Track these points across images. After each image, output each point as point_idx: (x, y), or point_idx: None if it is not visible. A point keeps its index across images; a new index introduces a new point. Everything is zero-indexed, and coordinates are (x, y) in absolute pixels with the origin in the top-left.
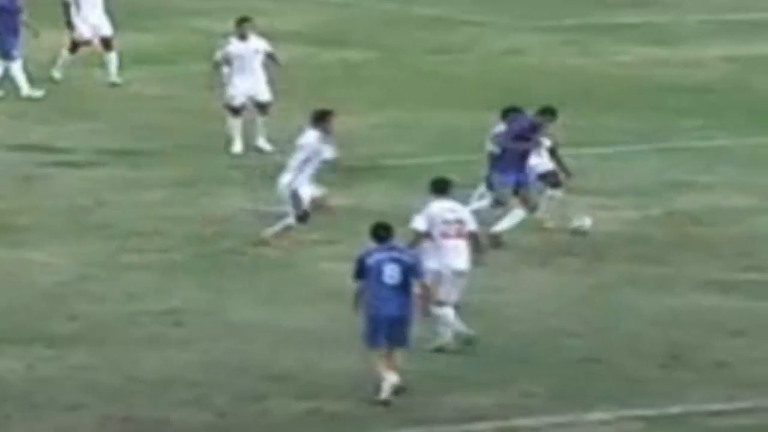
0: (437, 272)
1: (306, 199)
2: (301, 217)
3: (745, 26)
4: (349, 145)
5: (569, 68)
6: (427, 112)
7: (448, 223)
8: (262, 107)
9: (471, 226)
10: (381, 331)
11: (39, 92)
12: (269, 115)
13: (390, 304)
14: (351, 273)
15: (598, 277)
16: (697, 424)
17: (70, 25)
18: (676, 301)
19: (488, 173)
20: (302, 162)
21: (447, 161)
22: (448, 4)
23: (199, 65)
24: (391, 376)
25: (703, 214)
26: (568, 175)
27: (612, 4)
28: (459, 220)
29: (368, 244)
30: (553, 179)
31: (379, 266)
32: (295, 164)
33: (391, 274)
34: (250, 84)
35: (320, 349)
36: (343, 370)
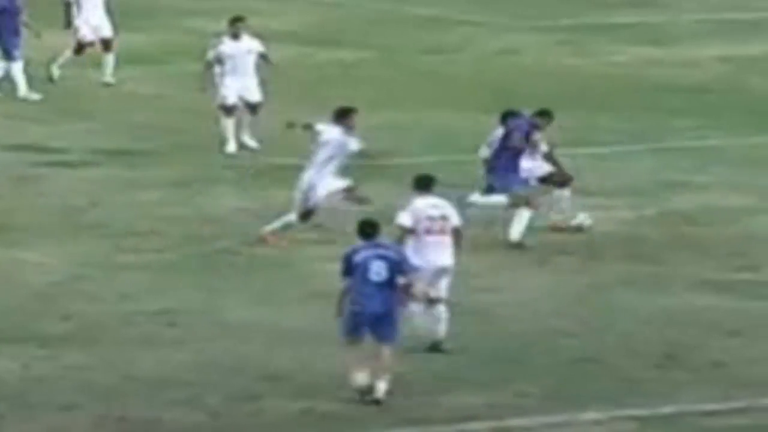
0: (419, 268)
1: (324, 196)
2: (304, 215)
3: (740, 26)
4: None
5: (565, 68)
6: (423, 112)
7: (433, 220)
8: (252, 108)
9: (455, 221)
10: (363, 326)
11: (36, 95)
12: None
13: (374, 301)
14: (339, 271)
15: (594, 277)
16: (691, 423)
17: (69, 25)
18: (672, 301)
19: (487, 179)
20: (327, 159)
21: (442, 161)
22: (444, 3)
23: (192, 65)
24: (362, 376)
25: (699, 214)
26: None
27: (607, 4)
28: (443, 217)
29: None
30: (559, 179)
31: (366, 263)
32: (319, 160)
33: (378, 271)
34: (241, 84)
35: (315, 349)
36: (338, 370)
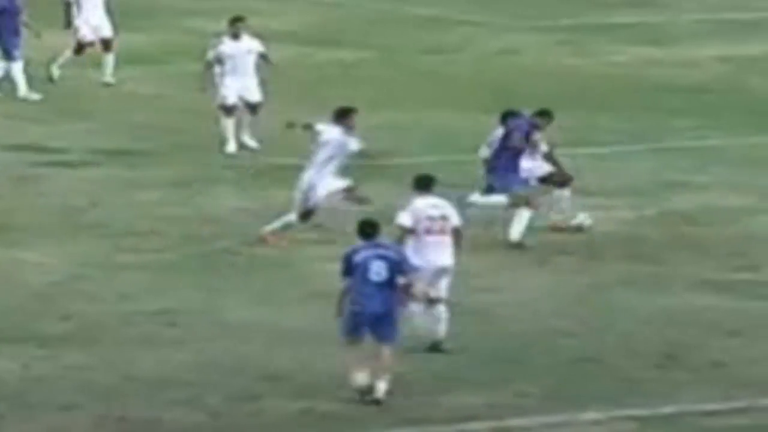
0: (419, 268)
1: (324, 196)
2: (304, 215)
3: (739, 26)
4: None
5: (564, 68)
6: (423, 112)
7: (433, 220)
8: (252, 108)
9: (455, 221)
10: (363, 326)
11: (36, 95)
12: (259, 115)
13: (374, 301)
14: (339, 271)
15: (594, 277)
16: (691, 423)
17: (69, 25)
18: (671, 301)
19: (487, 179)
20: (327, 159)
21: (442, 161)
22: (444, 3)
23: (192, 65)
24: (362, 376)
25: (698, 214)
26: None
27: (607, 4)
28: (443, 217)
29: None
30: (559, 179)
31: (366, 263)
32: (319, 160)
33: (378, 271)
34: (241, 84)
35: (315, 349)
36: (338, 370)
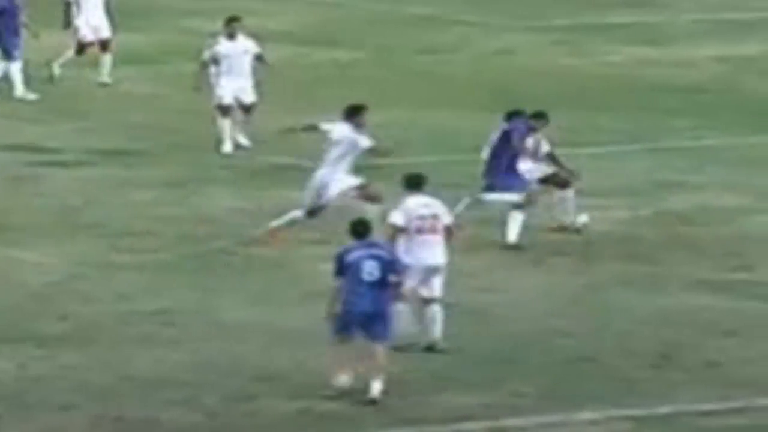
0: (409, 266)
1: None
2: (312, 212)
3: (736, 26)
4: None
5: (560, 68)
6: (419, 112)
7: (424, 218)
8: (246, 108)
9: (446, 220)
10: (353, 325)
11: (33, 95)
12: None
13: (364, 300)
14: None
15: (590, 277)
16: (687, 423)
17: (69, 25)
18: (667, 301)
19: (486, 179)
20: (339, 156)
21: (438, 161)
22: (440, 3)
23: (189, 65)
24: (344, 378)
25: (694, 214)
26: (574, 176)
27: (603, 4)
28: (434, 215)
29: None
30: (561, 180)
31: (359, 263)
32: (332, 158)
33: (370, 270)
34: (236, 85)
35: (311, 349)
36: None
